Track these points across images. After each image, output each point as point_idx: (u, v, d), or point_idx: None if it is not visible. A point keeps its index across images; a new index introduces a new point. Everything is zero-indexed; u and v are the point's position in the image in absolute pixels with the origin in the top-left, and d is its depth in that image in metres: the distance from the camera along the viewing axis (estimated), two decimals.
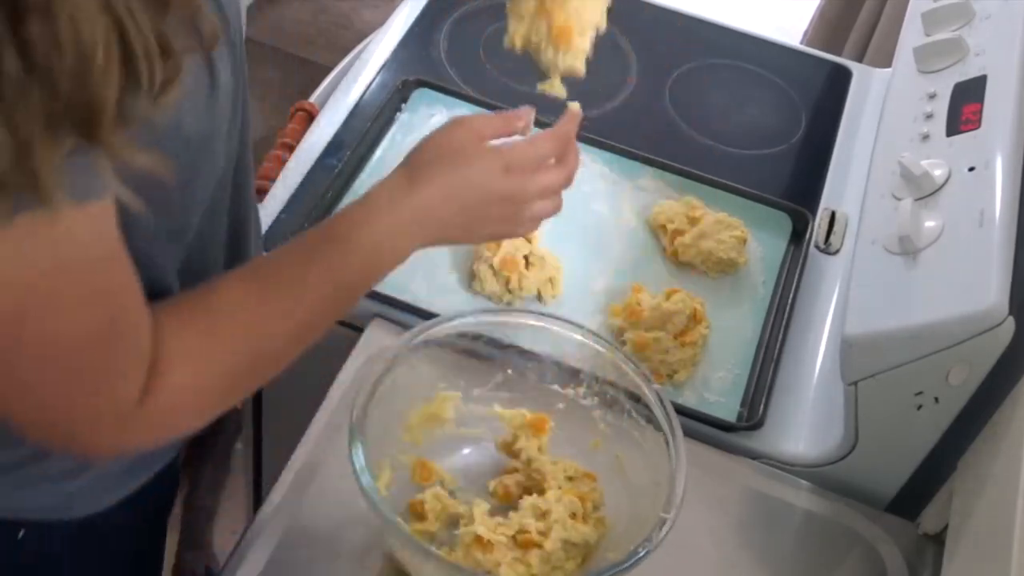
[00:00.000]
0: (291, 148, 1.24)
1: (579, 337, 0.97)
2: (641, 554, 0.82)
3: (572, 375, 0.99)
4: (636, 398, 0.94)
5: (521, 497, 0.95)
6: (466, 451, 0.99)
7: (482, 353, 0.99)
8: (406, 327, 1.04)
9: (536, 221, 0.88)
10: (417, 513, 0.92)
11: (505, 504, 0.95)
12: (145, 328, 0.68)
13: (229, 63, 0.73)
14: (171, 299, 0.74)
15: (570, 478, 0.95)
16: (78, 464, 0.84)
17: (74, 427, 0.69)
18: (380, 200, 0.79)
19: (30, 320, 0.61)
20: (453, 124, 0.84)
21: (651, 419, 0.92)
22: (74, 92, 0.52)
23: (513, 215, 0.85)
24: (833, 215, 1.27)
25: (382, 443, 0.91)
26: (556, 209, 0.88)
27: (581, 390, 0.99)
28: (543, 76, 0.91)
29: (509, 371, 1.00)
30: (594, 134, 1.29)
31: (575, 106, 0.89)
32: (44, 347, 0.63)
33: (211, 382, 0.73)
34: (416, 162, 0.81)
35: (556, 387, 0.99)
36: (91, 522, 0.89)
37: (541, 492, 0.94)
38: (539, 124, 0.89)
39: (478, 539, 0.89)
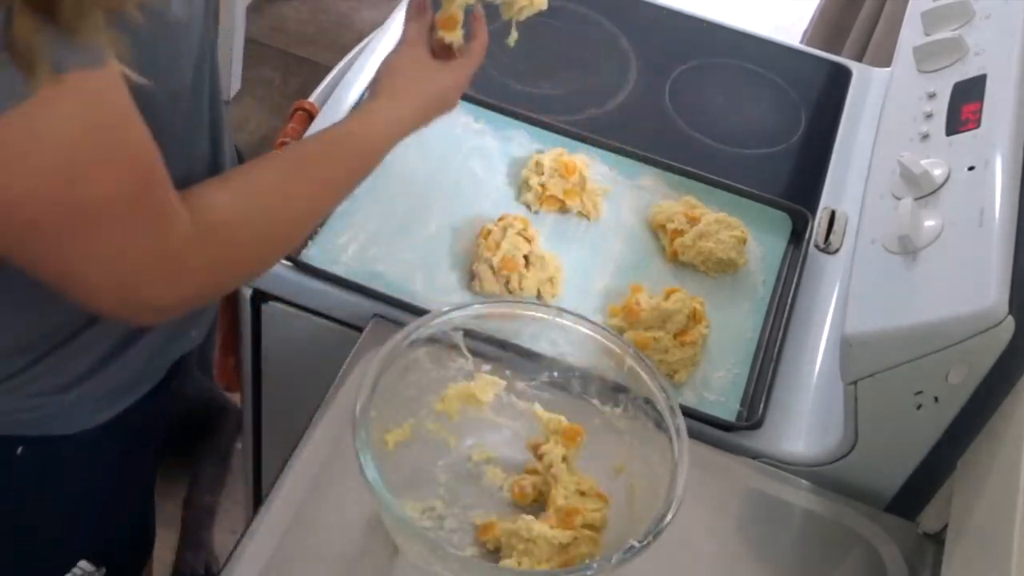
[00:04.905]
0: None
1: (616, 350, 0.95)
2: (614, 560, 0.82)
3: (612, 393, 0.97)
4: (659, 424, 0.92)
5: (535, 500, 0.95)
6: (492, 439, 0.99)
7: (530, 351, 0.99)
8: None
9: None
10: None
11: (518, 504, 0.96)
12: (169, 182, 0.76)
13: None
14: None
15: (582, 493, 0.95)
16: (67, 380, 0.91)
17: (137, 277, 0.76)
18: (375, 113, 0.95)
19: (79, 181, 0.69)
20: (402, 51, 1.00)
21: (665, 435, 0.91)
22: None
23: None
24: (833, 215, 1.27)
25: (410, 404, 0.93)
26: None
27: (618, 411, 0.97)
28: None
29: (555, 374, 1.00)
30: (594, 134, 1.29)
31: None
32: (97, 206, 0.71)
33: (247, 220, 0.83)
34: (391, 84, 0.97)
35: (596, 402, 0.98)
36: (85, 440, 0.96)
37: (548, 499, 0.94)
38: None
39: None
